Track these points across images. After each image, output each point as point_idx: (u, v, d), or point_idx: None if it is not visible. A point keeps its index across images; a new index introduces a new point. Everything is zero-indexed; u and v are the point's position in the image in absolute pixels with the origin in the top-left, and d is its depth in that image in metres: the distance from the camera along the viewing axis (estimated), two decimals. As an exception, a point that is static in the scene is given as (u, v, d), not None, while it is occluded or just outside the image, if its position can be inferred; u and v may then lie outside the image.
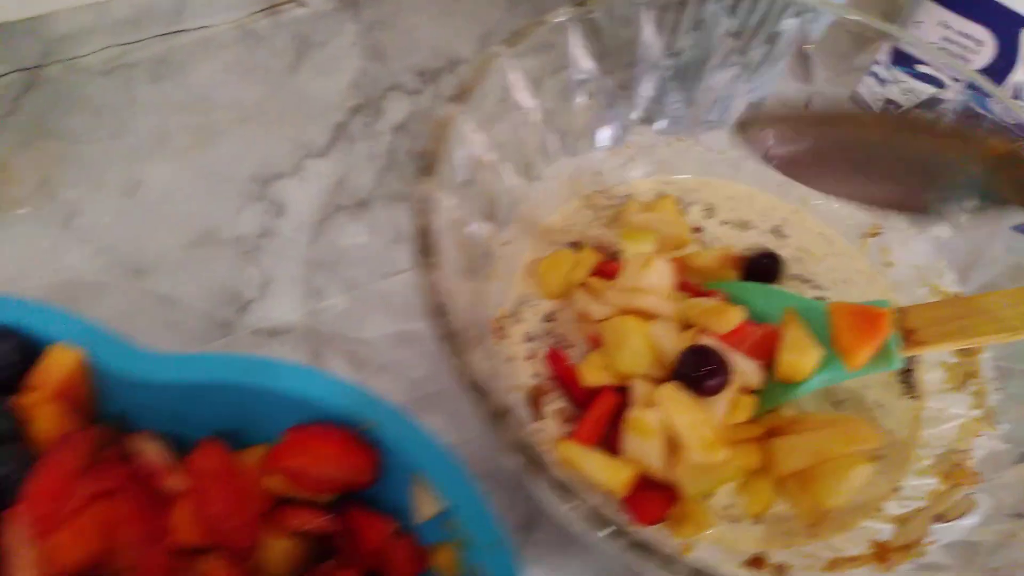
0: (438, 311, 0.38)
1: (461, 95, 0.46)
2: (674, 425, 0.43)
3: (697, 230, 0.57)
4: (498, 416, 0.35)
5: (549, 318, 0.52)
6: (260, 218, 0.59)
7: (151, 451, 0.37)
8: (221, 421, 0.39)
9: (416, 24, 0.71)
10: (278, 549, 0.38)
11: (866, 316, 0.45)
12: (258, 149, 0.62)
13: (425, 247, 0.40)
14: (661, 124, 0.58)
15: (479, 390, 0.36)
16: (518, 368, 0.49)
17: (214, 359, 0.38)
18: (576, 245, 0.54)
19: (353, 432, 0.37)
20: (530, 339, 0.51)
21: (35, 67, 0.64)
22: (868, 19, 0.53)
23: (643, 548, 0.33)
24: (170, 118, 0.63)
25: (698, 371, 0.43)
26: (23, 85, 0.63)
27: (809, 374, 0.46)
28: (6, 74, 0.63)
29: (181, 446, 0.38)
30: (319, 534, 0.38)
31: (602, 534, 0.34)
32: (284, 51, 0.68)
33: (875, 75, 0.59)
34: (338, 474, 0.37)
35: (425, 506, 0.37)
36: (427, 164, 0.43)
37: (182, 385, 0.38)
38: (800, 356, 0.45)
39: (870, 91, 0.60)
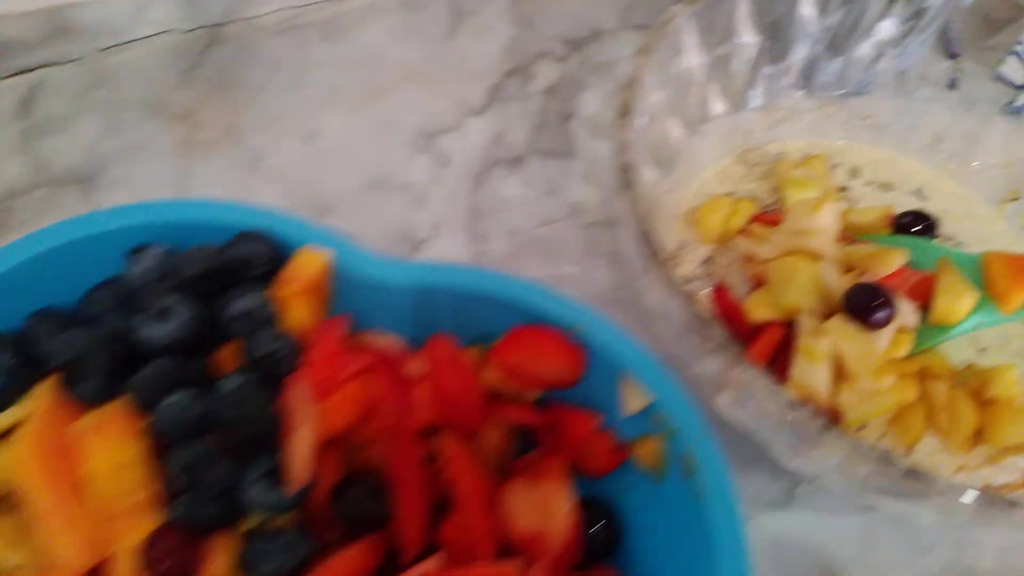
0: (645, 236, 0.42)
1: (647, 48, 0.50)
2: (843, 353, 0.46)
3: (843, 189, 0.60)
4: (701, 320, 0.39)
5: (706, 262, 0.56)
6: (427, 168, 0.64)
7: (389, 342, 0.42)
8: (442, 324, 0.43)
9: (562, -5, 0.76)
10: (492, 437, 0.42)
11: (1021, 262, 0.48)
12: (422, 106, 0.67)
13: (628, 183, 0.44)
14: (811, 89, 0.61)
15: (683, 294, 0.39)
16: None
17: (441, 267, 0.43)
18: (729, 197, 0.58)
19: (565, 334, 0.41)
20: (688, 282, 0.55)
21: (218, 24, 0.69)
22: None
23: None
24: (341, 74, 0.68)
25: (867, 305, 0.47)
26: (208, 40, 0.69)
27: (963, 317, 0.49)
28: (193, 29, 0.69)
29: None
30: (524, 428, 0.43)
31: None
32: (440, 18, 0.73)
33: (1018, 55, 0.62)
34: (550, 370, 0.41)
35: (632, 401, 0.41)
36: (625, 111, 0.47)
37: (411, 288, 0.42)
38: (956, 299, 0.48)
39: (1013, 70, 0.62)
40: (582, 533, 0.40)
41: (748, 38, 0.57)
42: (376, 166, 0.63)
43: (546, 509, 0.39)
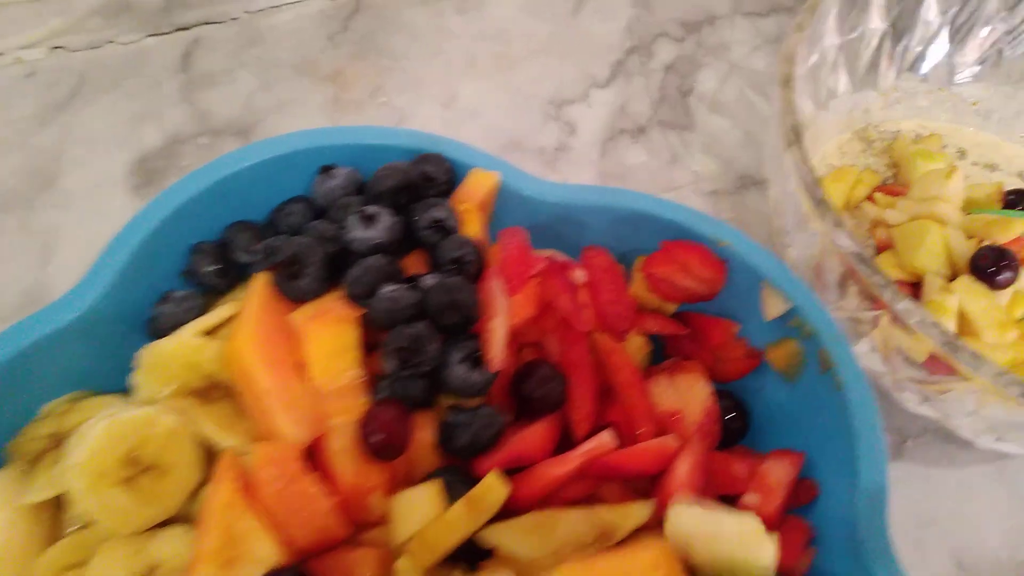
0: (810, 188, 0.46)
1: (801, 25, 0.54)
2: (968, 309, 0.50)
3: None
4: (862, 259, 0.43)
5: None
6: (557, 134, 0.68)
7: (551, 254, 0.46)
8: (599, 240, 0.48)
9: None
10: (636, 344, 0.47)
11: None
12: (551, 77, 0.72)
13: (795, 138, 0.48)
14: (925, 73, 0.65)
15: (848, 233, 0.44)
16: (806, 266, 0.57)
17: (592, 188, 0.48)
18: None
19: (709, 249, 0.46)
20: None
21: (360, -6, 0.74)
22: None
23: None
24: (475, 45, 0.73)
25: (994, 265, 0.51)
26: (352, 7, 0.73)
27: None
28: (338, -1, 0.74)
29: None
30: (659, 337, 0.47)
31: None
32: (565, -3, 0.77)
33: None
34: (696, 282, 0.46)
35: (773, 307, 0.45)
36: (785, 77, 0.51)
37: (567, 206, 0.47)
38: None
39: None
40: (718, 419, 0.44)
41: (877, 23, 0.61)
42: (510, 131, 0.68)
43: (686, 395, 0.44)
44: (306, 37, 0.71)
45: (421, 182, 0.44)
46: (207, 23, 0.71)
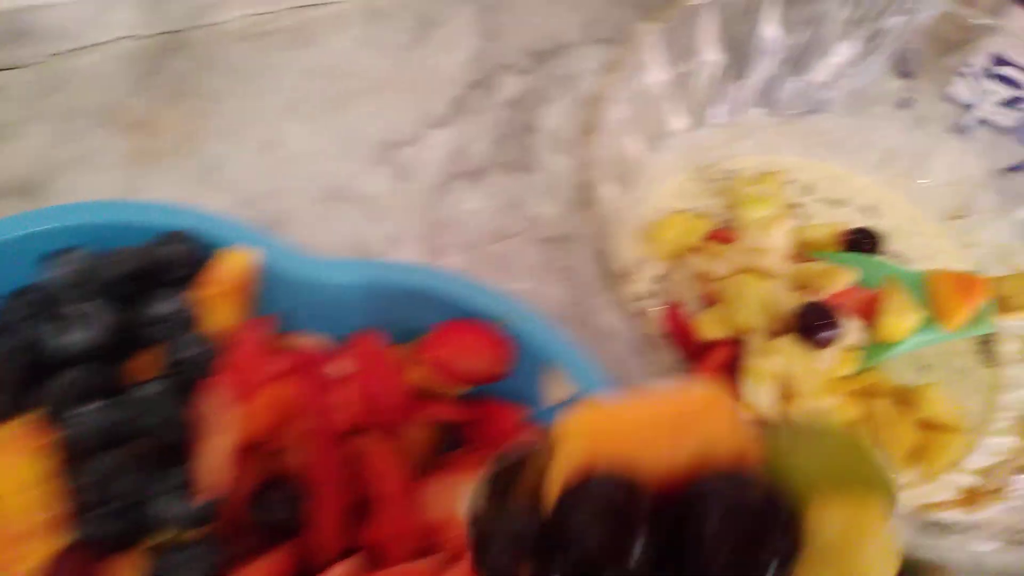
0: (601, 255, 0.42)
1: (613, 65, 0.51)
2: (789, 372, 0.47)
3: (796, 206, 0.61)
4: (651, 341, 0.40)
5: (659, 279, 0.56)
6: (387, 180, 0.64)
7: (314, 343, 0.42)
8: (371, 321, 0.43)
9: (528, 9, 0.76)
10: (418, 435, 0.42)
11: (965, 280, 0.50)
12: (385, 117, 0.67)
13: (588, 199, 0.45)
14: (769, 107, 0.62)
15: (634, 315, 0.40)
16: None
17: (368, 264, 0.43)
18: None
19: (492, 327, 0.42)
20: (642, 299, 0.55)
21: (179, 30, 0.69)
22: (973, 14, 0.57)
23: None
24: (304, 83, 0.68)
25: (814, 324, 0.48)
26: (169, 46, 0.68)
27: (908, 335, 0.50)
28: (153, 35, 0.68)
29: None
30: (451, 424, 0.43)
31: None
32: (407, 28, 0.73)
33: (967, 77, 0.63)
34: (478, 364, 0.42)
35: (555, 391, 0.41)
36: (586, 128, 0.47)
37: (339, 286, 0.43)
38: (901, 317, 0.49)
39: (963, 92, 0.64)
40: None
41: (711, 56, 0.58)
42: (335, 177, 0.63)
43: (457, 498, 0.40)
44: (113, 81, 0.66)
45: (157, 268, 0.40)
46: (2, 69, 0.65)
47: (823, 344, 0.48)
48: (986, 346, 0.57)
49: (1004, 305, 0.51)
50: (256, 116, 0.66)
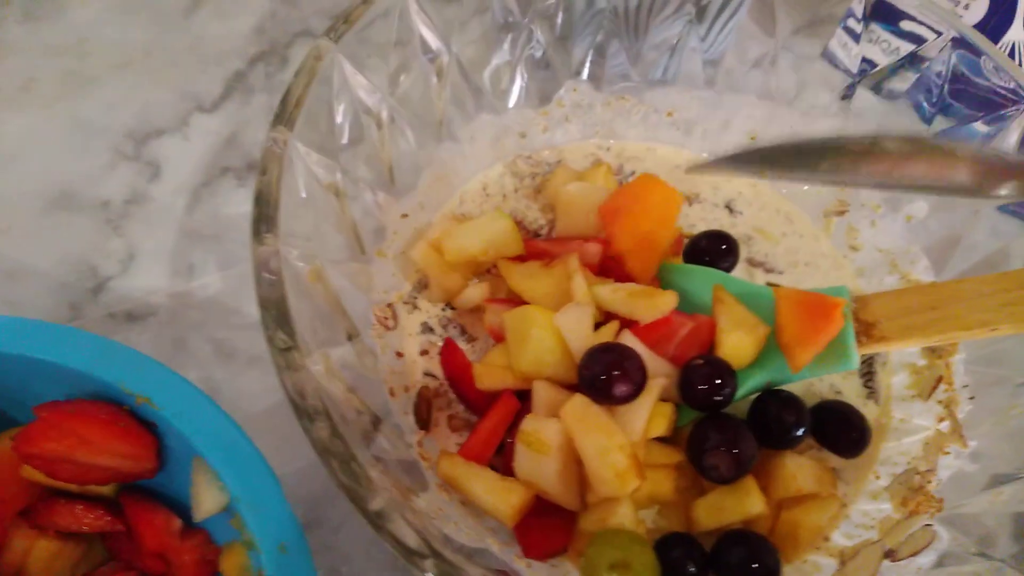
0: (265, 303, 0.30)
1: (341, 26, 0.38)
2: (580, 446, 0.35)
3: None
4: (325, 451, 0.27)
5: (452, 306, 0.44)
6: (131, 180, 0.51)
7: None
8: None
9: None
10: (43, 551, 0.31)
11: (815, 306, 0.37)
12: (138, 100, 0.54)
13: (264, 216, 0.32)
14: (600, 80, 0.49)
15: (305, 412, 0.28)
16: (410, 365, 0.42)
17: None
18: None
19: (124, 409, 0.30)
20: (428, 330, 0.43)
21: None
22: (840, -42, 0.45)
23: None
24: (39, 62, 0.55)
25: (606, 374, 0.35)
26: None
27: (750, 360, 0.38)
28: None
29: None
30: (95, 533, 0.31)
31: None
32: (182, -12, 0.59)
33: (848, 30, 0.51)
34: (108, 461, 0.30)
35: (206, 499, 0.29)
36: (285, 108, 0.35)
37: None
38: (738, 336, 0.38)
39: (843, 49, 0.52)
40: None
41: (512, 15, 0.45)
42: (64, 179, 0.50)
43: None
44: None
45: None
46: None
47: (620, 399, 0.36)
48: (868, 377, 0.45)
49: (871, 334, 0.38)
50: (-28, 104, 0.52)
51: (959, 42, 0.45)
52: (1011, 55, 0.55)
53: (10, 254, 0.47)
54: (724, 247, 0.45)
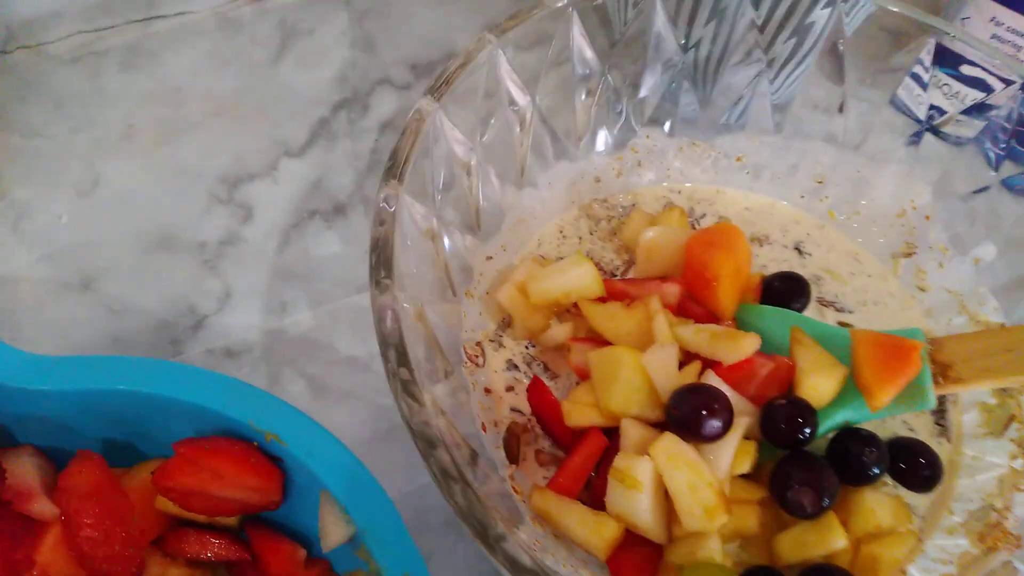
0: (387, 341, 0.32)
1: (441, 87, 0.40)
2: (670, 483, 0.37)
3: (707, 245, 0.50)
4: (446, 477, 0.29)
5: (535, 345, 0.46)
6: (226, 222, 0.54)
7: (24, 470, 0.32)
8: (111, 431, 0.34)
9: (412, 12, 0.66)
10: None
11: (894, 348, 0.39)
12: (230, 146, 0.57)
13: (382, 262, 0.34)
14: (672, 126, 0.52)
15: (427, 441, 0.30)
16: (497, 401, 0.44)
17: (98, 361, 0.33)
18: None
19: (253, 445, 0.32)
20: (512, 367, 0.45)
21: (-3, 53, 0.59)
22: (911, 11, 0.46)
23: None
24: (138, 110, 0.58)
25: (695, 413, 0.37)
26: (-19, 71, 0.59)
27: (829, 400, 0.40)
28: (-35, 60, 0.59)
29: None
30: (221, 562, 0.33)
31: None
32: (267, 40, 0.63)
33: (916, 77, 0.53)
34: (238, 494, 0.32)
35: (333, 530, 0.31)
36: (395, 164, 0.37)
37: (63, 392, 0.33)
38: (819, 378, 0.39)
39: (910, 95, 0.53)
40: None
41: (589, 67, 0.48)
42: (163, 222, 0.53)
43: None
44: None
45: None
46: None
47: (709, 437, 0.37)
48: (941, 415, 0.47)
49: (947, 375, 0.40)
50: (78, 152, 0.56)
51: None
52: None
53: (115, 292, 0.50)
54: (796, 288, 0.47)
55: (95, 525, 0.31)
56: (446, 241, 0.43)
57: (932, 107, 0.50)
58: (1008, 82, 0.47)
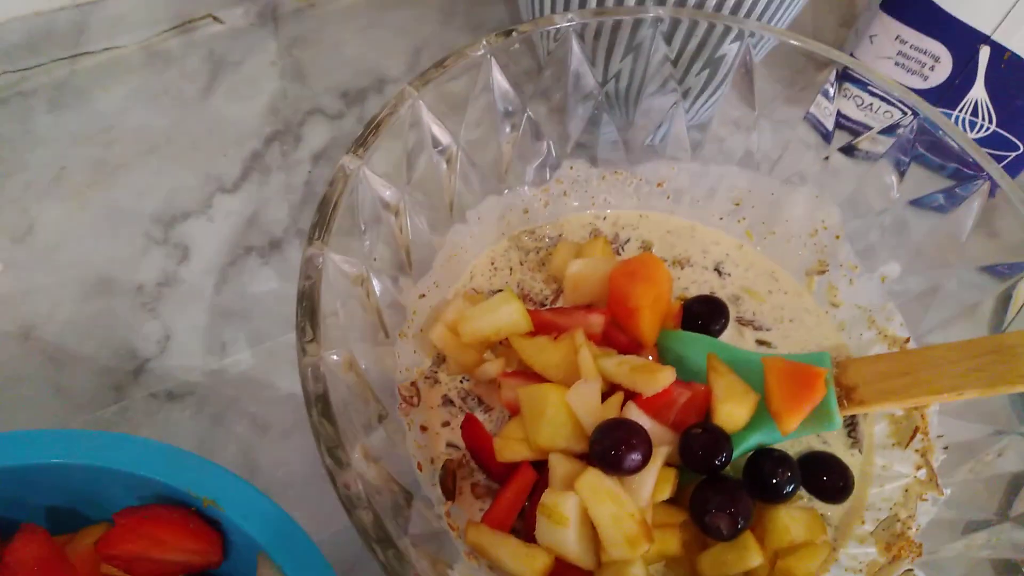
0: (314, 401, 0.34)
1: (366, 139, 0.42)
2: (594, 516, 0.39)
3: (631, 272, 0.52)
4: (367, 538, 0.31)
5: (470, 379, 0.48)
6: (162, 263, 0.55)
7: None
8: (54, 499, 0.35)
9: (342, 38, 0.67)
10: None
11: (800, 375, 0.42)
12: (164, 184, 0.58)
13: (307, 316, 0.36)
14: (595, 156, 0.53)
15: (349, 501, 0.32)
16: (433, 437, 0.45)
17: (36, 436, 0.34)
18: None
19: (192, 510, 0.34)
20: (448, 402, 0.47)
21: (-81, 97, 0.59)
22: (811, 44, 0.49)
23: None
24: (69, 151, 0.58)
25: (616, 449, 0.39)
26: (-95, 118, 0.58)
27: (743, 424, 0.42)
28: None
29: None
30: None
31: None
32: (197, 73, 0.63)
33: (826, 94, 0.55)
34: (180, 556, 0.34)
35: None
36: (320, 220, 0.39)
37: (2, 469, 0.34)
38: (731, 405, 0.42)
39: (822, 111, 0.56)
40: None
41: (512, 104, 0.49)
42: (99, 266, 0.54)
43: None
44: None
45: None
46: None
47: (630, 470, 0.40)
48: (852, 428, 0.50)
49: (852, 397, 0.43)
50: (9, 197, 0.56)
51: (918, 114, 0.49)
52: (974, 112, 0.60)
53: (54, 340, 0.51)
54: (715, 310, 0.49)
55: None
56: (376, 285, 0.44)
57: (846, 122, 0.53)
58: (909, 110, 0.49)
